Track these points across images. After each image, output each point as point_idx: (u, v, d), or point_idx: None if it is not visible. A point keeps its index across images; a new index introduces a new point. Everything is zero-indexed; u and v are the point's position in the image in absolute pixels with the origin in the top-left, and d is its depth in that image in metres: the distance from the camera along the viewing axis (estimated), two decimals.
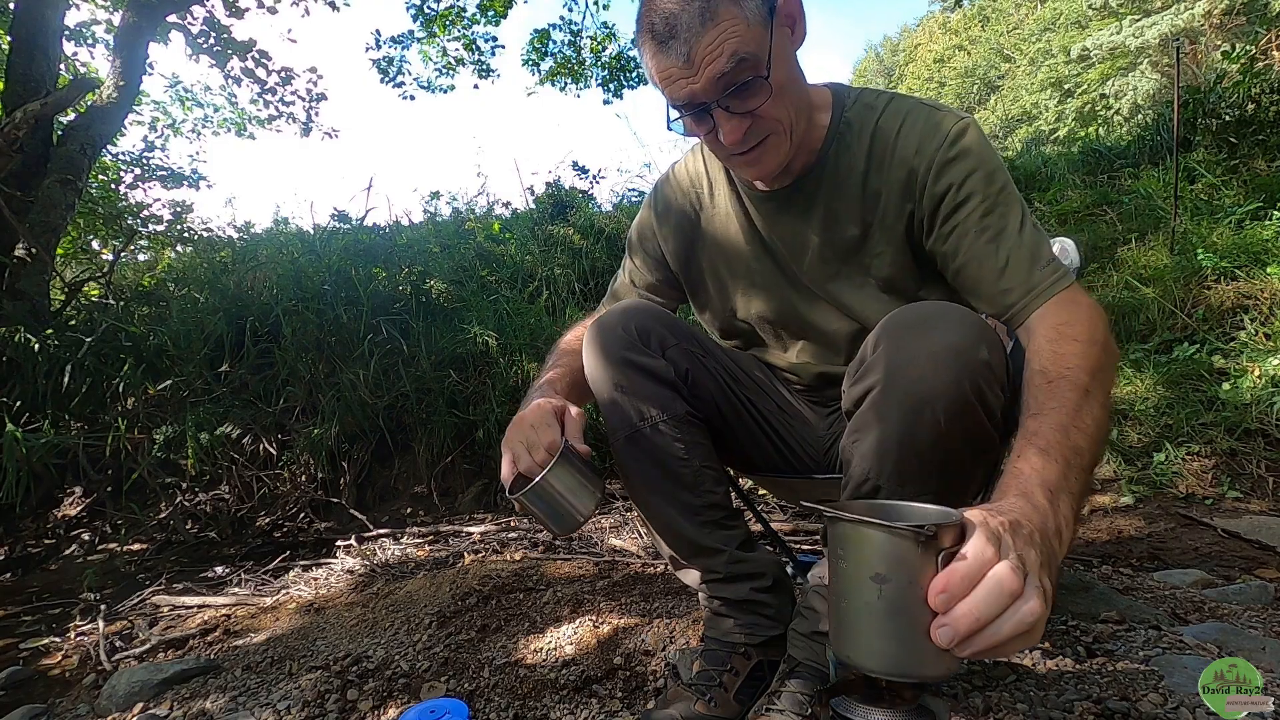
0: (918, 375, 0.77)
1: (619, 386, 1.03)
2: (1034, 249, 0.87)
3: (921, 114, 0.94)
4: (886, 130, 0.95)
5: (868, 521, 0.70)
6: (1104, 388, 0.76)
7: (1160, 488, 2.25)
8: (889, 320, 0.83)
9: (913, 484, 0.79)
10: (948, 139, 0.91)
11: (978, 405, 0.77)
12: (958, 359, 0.76)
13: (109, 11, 5.46)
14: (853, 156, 0.98)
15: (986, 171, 0.90)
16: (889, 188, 0.95)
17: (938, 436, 0.77)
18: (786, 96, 0.89)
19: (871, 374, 0.82)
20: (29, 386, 2.71)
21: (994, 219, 0.89)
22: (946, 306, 0.81)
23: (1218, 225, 3.46)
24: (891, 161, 0.95)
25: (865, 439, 0.82)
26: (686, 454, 1.02)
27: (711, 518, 1.03)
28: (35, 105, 3.39)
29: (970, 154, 0.90)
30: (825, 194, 1.00)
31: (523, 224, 4.98)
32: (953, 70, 32.34)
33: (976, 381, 0.76)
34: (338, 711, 1.12)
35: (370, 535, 2.31)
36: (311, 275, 3.28)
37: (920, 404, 0.77)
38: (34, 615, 1.92)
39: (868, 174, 0.97)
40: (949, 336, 0.77)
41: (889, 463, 0.80)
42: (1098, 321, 0.81)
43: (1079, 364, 0.76)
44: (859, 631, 0.71)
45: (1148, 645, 1.05)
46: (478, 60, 7.49)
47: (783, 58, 0.88)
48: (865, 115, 0.97)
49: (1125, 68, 18.20)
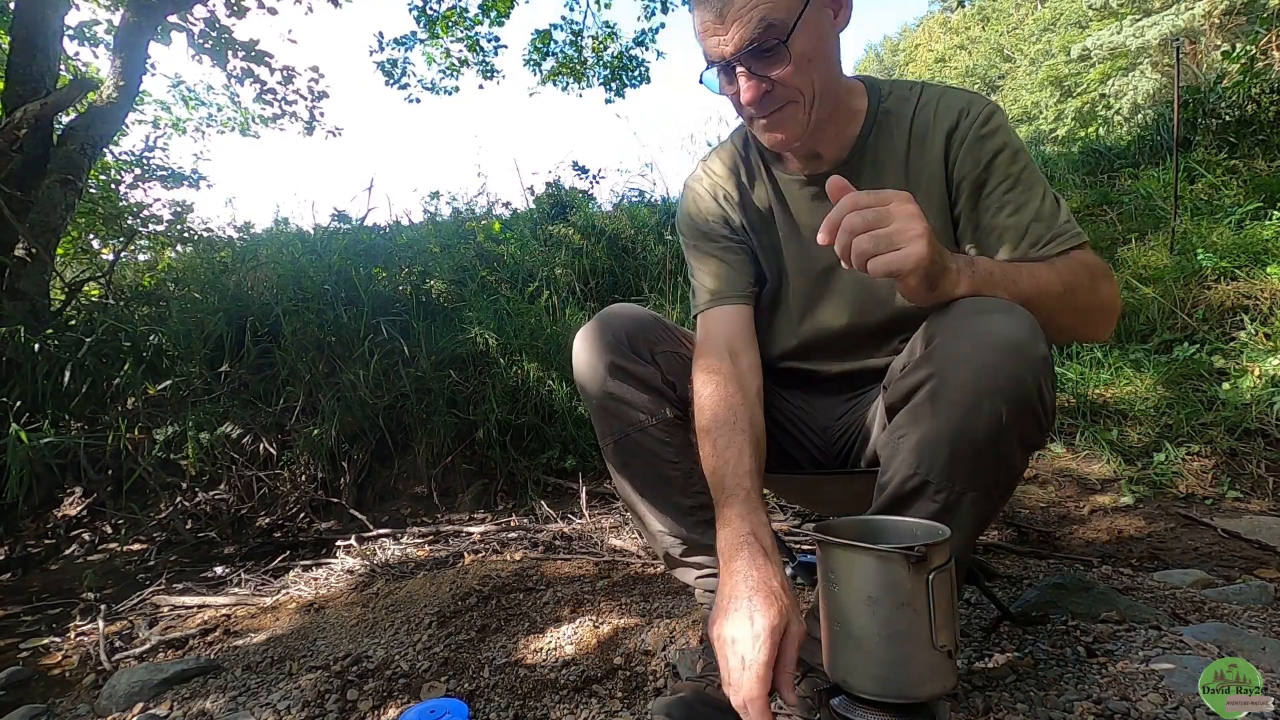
0: (978, 368, 0.76)
1: (607, 393, 1.04)
2: (1052, 217, 0.93)
3: (954, 94, 1.01)
4: (925, 113, 1.01)
5: (858, 546, 0.70)
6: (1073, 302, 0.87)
7: (1160, 488, 2.25)
8: (945, 313, 0.82)
9: (962, 480, 0.79)
10: (981, 116, 0.97)
11: (1036, 400, 0.77)
12: (1018, 353, 0.76)
13: (110, 11, 5.46)
14: (894, 142, 1.02)
15: (1013, 150, 0.96)
16: (930, 163, 1.00)
17: (996, 431, 0.76)
18: (812, 69, 0.92)
19: (925, 367, 0.80)
20: (29, 386, 2.71)
21: (1017, 194, 0.94)
22: (999, 301, 0.81)
23: (1218, 225, 3.46)
24: (931, 137, 1.00)
25: (913, 434, 0.81)
26: (676, 457, 1.03)
27: (704, 518, 1.03)
28: (35, 105, 3.38)
29: (1000, 132, 0.97)
30: (867, 179, 1.02)
31: (523, 224, 4.98)
32: (953, 70, 32.31)
33: (1037, 376, 0.76)
34: (338, 711, 1.12)
35: (370, 535, 2.31)
36: (312, 275, 3.28)
37: (980, 397, 0.76)
38: (34, 615, 1.92)
39: (909, 155, 1.01)
40: (1009, 331, 0.77)
41: (941, 457, 0.79)
42: (1099, 273, 0.90)
43: (1057, 274, 0.86)
44: (854, 656, 0.71)
45: (1148, 645, 1.05)
46: (482, 61, 7.47)
47: (814, 32, 0.91)
48: (902, 105, 1.02)
49: (1125, 68, 18.19)
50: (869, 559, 0.70)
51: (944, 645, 0.68)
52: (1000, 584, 1.51)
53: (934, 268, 0.76)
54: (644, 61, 7.68)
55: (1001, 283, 0.83)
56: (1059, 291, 0.85)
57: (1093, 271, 0.90)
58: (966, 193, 0.97)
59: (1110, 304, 0.92)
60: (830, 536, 0.74)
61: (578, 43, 7.63)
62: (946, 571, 0.69)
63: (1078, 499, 2.27)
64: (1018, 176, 0.95)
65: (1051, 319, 0.83)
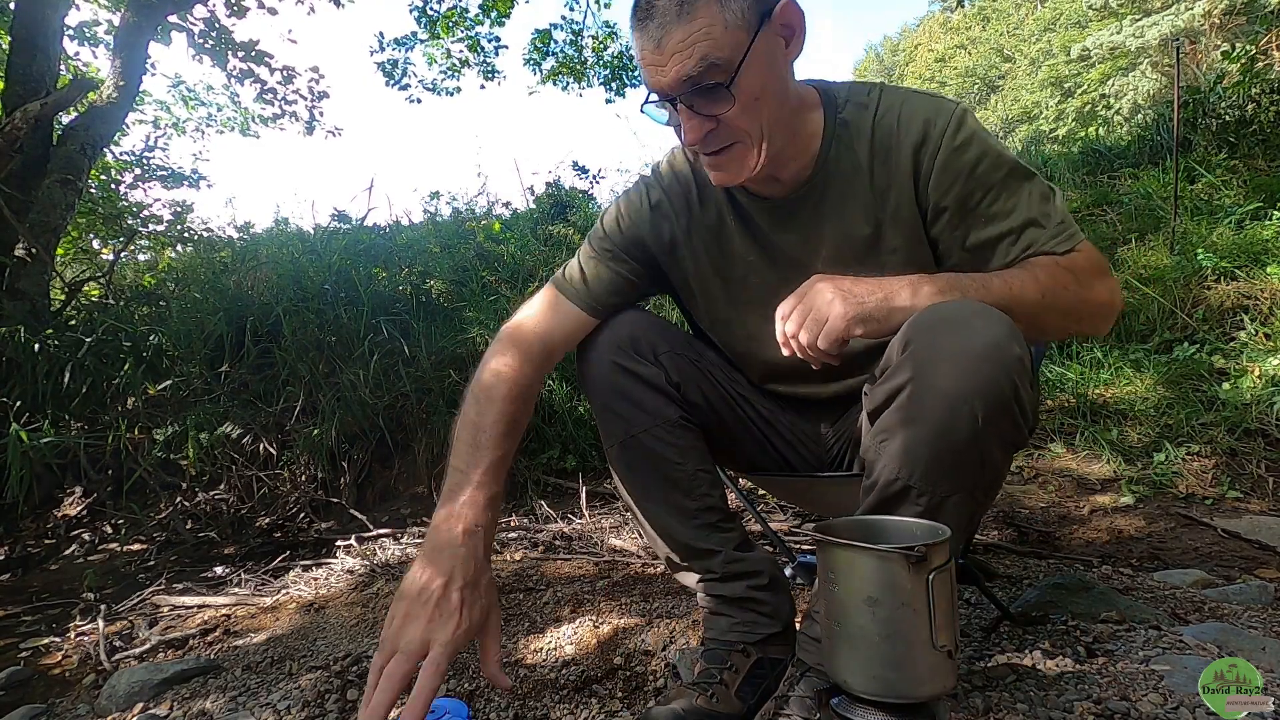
0: (954, 372, 0.76)
1: (612, 393, 1.03)
2: (1043, 221, 0.89)
3: (917, 101, 0.93)
4: (887, 124, 0.93)
5: (857, 546, 0.70)
6: (1055, 304, 0.85)
7: (1160, 488, 2.25)
8: (916, 320, 0.81)
9: (945, 483, 0.79)
10: (950, 127, 0.90)
11: (1014, 402, 0.77)
12: (994, 355, 0.76)
13: (110, 11, 5.46)
14: (855, 156, 0.95)
15: (993, 155, 0.90)
16: (897, 180, 0.94)
17: (975, 433, 0.76)
18: (760, 107, 0.86)
19: (901, 373, 0.80)
20: (29, 386, 2.71)
21: (1002, 203, 0.90)
22: (974, 304, 0.80)
23: (1218, 225, 3.46)
24: (897, 153, 0.93)
25: (895, 439, 0.80)
26: (680, 458, 1.02)
27: (707, 520, 1.03)
28: (35, 105, 3.39)
29: (974, 141, 0.90)
30: (832, 197, 0.98)
31: (523, 224, 4.98)
32: (953, 70, 32.33)
33: (1012, 378, 0.76)
34: (338, 711, 1.12)
35: (370, 535, 2.31)
36: (312, 275, 3.28)
37: (958, 401, 0.76)
38: (34, 615, 1.92)
39: (873, 170, 0.95)
40: (984, 333, 0.76)
41: (921, 462, 0.78)
42: (1092, 272, 0.88)
43: (1035, 279, 0.85)
44: (854, 656, 0.71)
45: (1148, 645, 1.05)
46: (483, 61, 7.48)
47: (763, 67, 0.84)
48: (861, 114, 0.95)
49: (1125, 68, 18.20)
50: (869, 559, 0.70)
51: (944, 645, 0.68)
52: (1000, 584, 1.51)
53: (864, 313, 0.81)
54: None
55: (971, 290, 0.83)
56: (1035, 298, 0.84)
57: (1081, 272, 0.88)
58: (951, 210, 0.92)
59: (1105, 302, 0.90)
60: (830, 536, 0.74)
61: (578, 42, 7.64)
62: (946, 571, 0.69)
63: (1078, 499, 2.27)
64: (1002, 183, 0.90)
65: (1033, 323, 0.84)
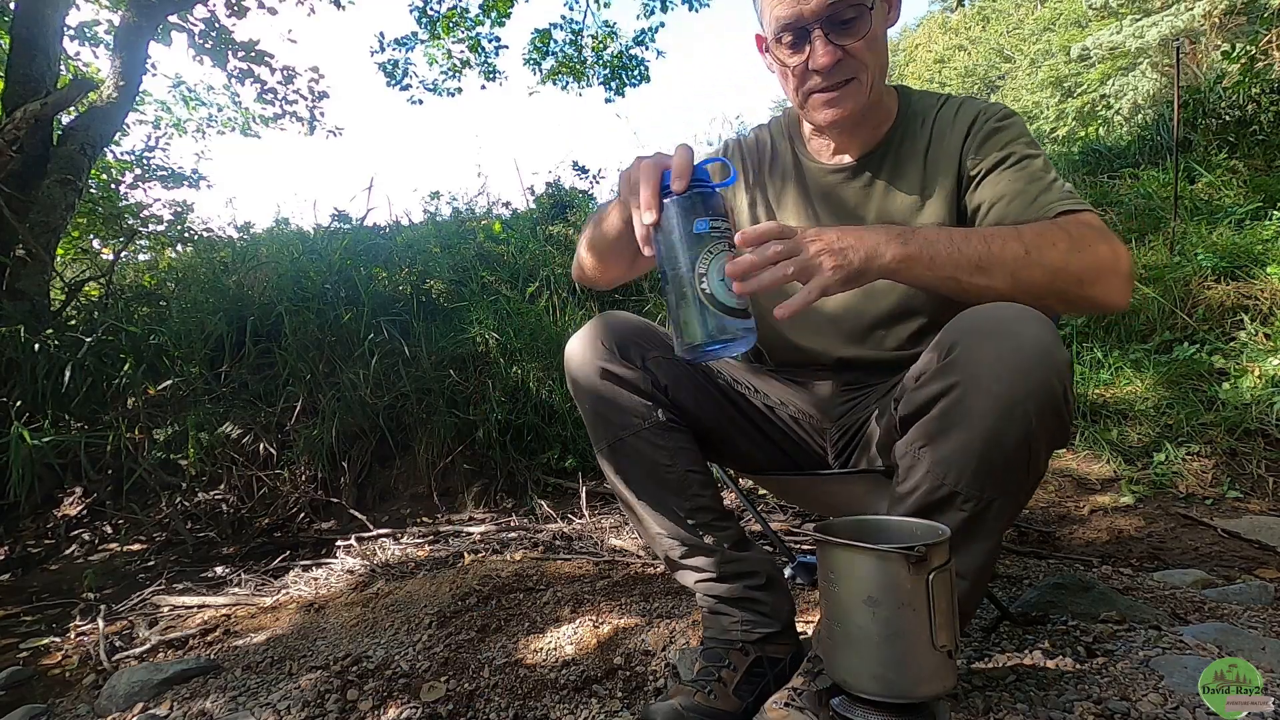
0: (1009, 375, 0.76)
1: (599, 398, 1.04)
2: (1044, 188, 0.96)
3: (973, 100, 1.09)
4: (946, 114, 1.08)
5: (858, 546, 0.70)
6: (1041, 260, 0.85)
7: (1160, 488, 2.25)
8: (962, 322, 0.82)
9: (992, 487, 0.79)
10: (995, 114, 1.05)
11: (1063, 403, 0.78)
12: (1046, 358, 0.76)
13: (110, 11, 5.45)
14: (916, 140, 1.08)
15: (1026, 142, 1.01)
16: (946, 155, 1.06)
17: (1027, 436, 0.77)
18: (877, 49, 0.99)
19: (947, 376, 0.80)
20: (29, 386, 2.70)
21: (1014, 171, 0.98)
22: (1019, 308, 0.81)
23: (1218, 225, 3.46)
24: (950, 134, 1.06)
25: (938, 443, 0.80)
26: (670, 460, 1.03)
27: (701, 520, 1.04)
28: (35, 105, 3.38)
29: (1012, 126, 1.03)
30: (888, 171, 1.09)
31: (523, 224, 4.97)
32: (953, 70, 32.31)
33: (1063, 380, 0.77)
34: (338, 711, 1.13)
35: (370, 535, 2.31)
36: (312, 275, 3.28)
37: (1012, 405, 0.76)
38: (34, 615, 1.92)
39: (929, 150, 1.07)
40: (1034, 337, 0.77)
41: (970, 467, 0.79)
42: (1089, 233, 0.88)
43: (1019, 235, 0.86)
44: (854, 656, 0.71)
45: (1148, 645, 1.05)
46: (484, 62, 7.47)
47: (882, 15, 0.99)
48: (927, 109, 1.10)
49: (1125, 68, 18.18)
50: (869, 559, 0.70)
51: (944, 645, 0.68)
52: (1000, 584, 1.51)
53: (850, 273, 0.81)
54: (644, 61, 7.69)
55: (941, 242, 0.84)
56: (1017, 253, 0.84)
57: (1078, 231, 0.87)
58: (981, 175, 1.02)
59: (1107, 262, 0.87)
60: (830, 536, 0.74)
61: (578, 42, 7.63)
62: (946, 571, 0.69)
63: (1078, 499, 2.27)
64: (1025, 157, 0.99)
65: (1016, 281, 0.84)
